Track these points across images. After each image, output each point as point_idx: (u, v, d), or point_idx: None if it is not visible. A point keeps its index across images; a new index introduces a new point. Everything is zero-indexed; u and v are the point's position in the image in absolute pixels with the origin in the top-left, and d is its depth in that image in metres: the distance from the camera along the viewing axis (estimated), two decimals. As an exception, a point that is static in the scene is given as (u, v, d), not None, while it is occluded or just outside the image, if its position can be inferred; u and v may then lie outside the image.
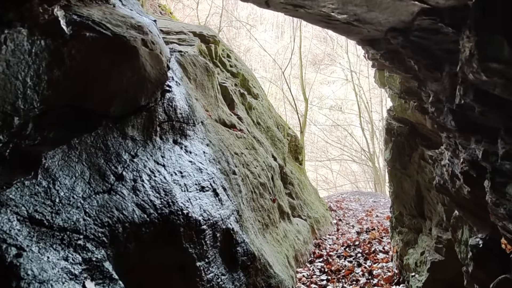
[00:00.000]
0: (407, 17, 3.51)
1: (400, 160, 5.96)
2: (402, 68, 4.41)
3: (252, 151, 6.63)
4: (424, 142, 5.43)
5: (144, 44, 4.36)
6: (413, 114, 5.50)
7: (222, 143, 5.47)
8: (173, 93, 4.65)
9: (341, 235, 8.98)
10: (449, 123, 3.49)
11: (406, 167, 5.82)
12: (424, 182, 5.28)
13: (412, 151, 5.66)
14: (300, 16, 4.96)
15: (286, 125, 10.40)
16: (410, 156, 5.69)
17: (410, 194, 5.65)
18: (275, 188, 7.05)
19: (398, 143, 6.00)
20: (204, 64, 6.55)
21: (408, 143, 5.76)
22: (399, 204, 6.05)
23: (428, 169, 5.11)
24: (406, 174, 5.84)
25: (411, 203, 5.64)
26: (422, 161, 5.34)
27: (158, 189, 3.82)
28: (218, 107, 6.56)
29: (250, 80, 9.14)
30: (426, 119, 5.15)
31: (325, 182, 29.56)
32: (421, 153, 5.41)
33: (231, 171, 5.19)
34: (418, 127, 5.61)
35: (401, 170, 5.96)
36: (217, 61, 8.38)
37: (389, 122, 6.30)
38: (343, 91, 28.65)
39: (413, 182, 5.60)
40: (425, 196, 5.31)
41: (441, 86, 3.64)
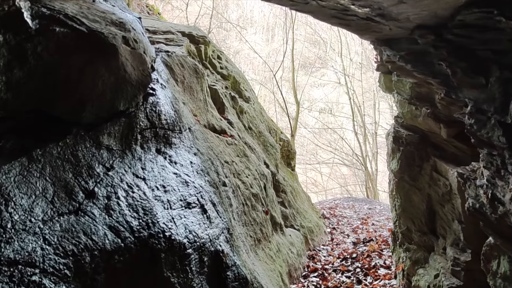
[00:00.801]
0: (446, 11, 2.95)
1: (409, 171, 5.44)
2: (428, 72, 3.88)
3: (243, 158, 6.10)
4: (436, 152, 4.92)
5: (125, 42, 3.81)
6: (425, 121, 5.00)
7: (212, 151, 4.93)
8: (157, 96, 4.10)
9: (336, 246, 8.47)
10: (496, 139, 2.94)
11: (416, 179, 5.30)
12: (437, 196, 4.77)
13: (422, 161, 5.15)
14: (309, 10, 4.40)
15: (279, 130, 9.89)
16: (421, 167, 5.18)
17: (420, 209, 5.13)
18: (267, 198, 6.52)
19: (407, 153, 5.49)
20: (193, 65, 6.01)
21: (418, 153, 5.25)
22: (406, 219, 5.52)
23: (442, 183, 4.59)
24: (415, 187, 5.32)
25: (421, 218, 5.12)
26: (434, 173, 4.83)
27: (136, 208, 3.27)
28: (208, 112, 6.02)
29: (242, 82, 8.62)
30: (440, 128, 4.66)
31: (314, 185, 29.12)
32: (434, 165, 4.90)
33: (221, 182, 4.65)
34: (430, 136, 5.10)
35: (410, 182, 5.44)
36: (207, 63, 7.84)
37: (397, 130, 5.78)
38: (335, 94, 28.25)
39: (424, 195, 5.08)
40: (438, 211, 4.79)
41: (485, 94, 3.07)
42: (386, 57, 4.85)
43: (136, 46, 3.92)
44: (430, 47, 3.41)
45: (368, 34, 4.55)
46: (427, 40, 3.40)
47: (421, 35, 3.47)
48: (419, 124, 5.23)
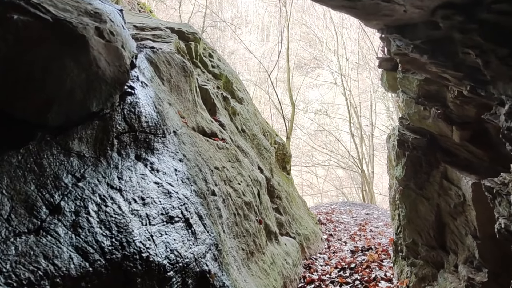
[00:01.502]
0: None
1: (415, 178, 5.01)
2: (449, 64, 3.43)
3: (235, 163, 5.68)
4: (447, 158, 4.51)
5: (99, 34, 3.38)
6: (434, 123, 4.58)
7: (200, 157, 4.50)
8: (136, 96, 3.68)
9: (333, 254, 8.06)
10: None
11: (423, 187, 4.87)
12: (447, 208, 4.35)
13: (431, 168, 4.73)
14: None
15: (273, 132, 9.47)
16: (429, 174, 4.76)
17: (428, 220, 4.71)
18: (261, 205, 6.10)
19: (413, 158, 5.06)
20: (181, 63, 5.59)
21: (426, 158, 4.83)
22: (412, 231, 5.09)
23: (454, 192, 4.17)
24: (422, 196, 4.89)
25: (428, 231, 4.69)
26: (445, 181, 4.41)
27: (109, 224, 2.84)
28: (197, 113, 5.59)
29: (234, 82, 8.19)
30: (452, 130, 4.25)
31: (309, 187, 28.70)
32: (444, 172, 4.48)
33: (209, 191, 4.22)
34: (440, 139, 4.69)
35: (417, 191, 5.01)
36: (198, 61, 7.42)
37: (402, 132, 5.36)
38: (331, 95, 27.89)
39: (433, 206, 4.66)
40: (448, 224, 4.37)
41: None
42: (395, 49, 4.41)
43: (112, 39, 3.50)
44: (456, 32, 2.95)
45: (377, 20, 4.10)
46: (452, 23, 2.93)
47: (445, 17, 2.99)
48: (428, 126, 4.82)
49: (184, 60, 5.75)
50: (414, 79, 5.02)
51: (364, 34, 22.84)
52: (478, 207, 3.65)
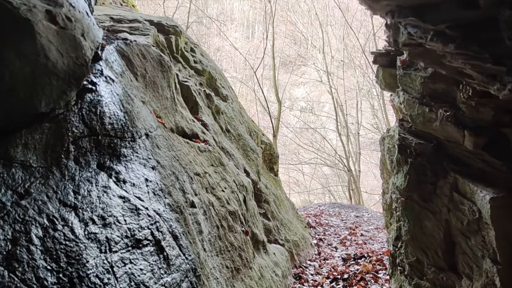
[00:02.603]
0: None
1: (419, 189, 4.43)
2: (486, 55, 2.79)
3: (219, 168, 5.08)
4: (456, 167, 3.93)
5: (51, 19, 2.76)
6: (442, 127, 4.00)
7: (178, 163, 3.90)
8: (98, 93, 3.06)
9: (323, 261, 7.51)
10: None
11: (429, 199, 4.29)
12: (459, 225, 3.76)
13: (437, 178, 4.14)
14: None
15: (260, 131, 8.89)
16: (435, 185, 4.17)
17: (435, 238, 4.13)
18: (248, 212, 5.51)
19: (417, 166, 4.47)
20: (157, 56, 4.97)
21: (431, 166, 4.25)
22: (416, 248, 4.51)
23: (468, 208, 3.59)
24: (428, 209, 4.30)
25: (436, 249, 4.12)
26: (456, 194, 3.82)
27: (57, 254, 2.23)
28: (176, 112, 4.98)
29: (218, 79, 7.58)
30: (464, 136, 3.68)
31: (296, 184, 28.21)
32: (454, 183, 3.89)
33: (188, 203, 3.62)
34: (448, 145, 4.11)
35: (421, 203, 4.43)
36: (179, 56, 6.79)
37: (403, 136, 4.78)
38: (316, 93, 27.43)
39: (440, 221, 4.07)
40: (459, 244, 3.79)
41: None
42: (405, 38, 3.78)
43: (68, 26, 2.87)
44: (505, 9, 2.37)
45: (388, 0, 3.47)
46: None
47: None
48: (434, 131, 4.24)
49: (161, 54, 5.13)
50: (417, 76, 4.46)
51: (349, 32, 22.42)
52: (498, 226, 3.10)
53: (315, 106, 30.10)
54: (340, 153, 22.43)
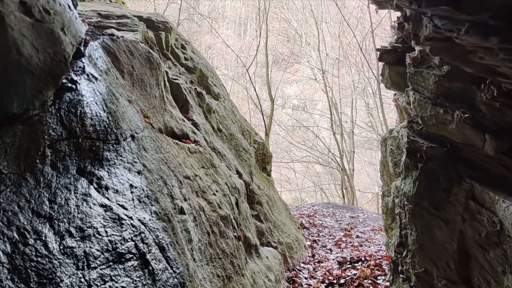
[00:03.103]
0: None
1: (430, 196, 4.17)
2: None
3: (210, 170, 4.85)
4: (473, 173, 3.68)
5: (26, 11, 2.51)
6: (459, 130, 3.74)
7: (166, 166, 3.67)
8: (79, 92, 2.82)
9: (318, 264, 7.32)
10: None
11: (441, 207, 4.04)
12: (475, 236, 3.50)
13: (451, 184, 3.89)
14: None
15: (253, 131, 8.66)
16: (448, 192, 3.92)
17: (447, 249, 3.88)
18: (240, 215, 5.30)
19: (428, 172, 4.22)
20: (146, 53, 4.73)
21: (444, 172, 3.99)
22: (424, 259, 4.27)
23: (487, 218, 3.33)
24: (440, 218, 4.05)
25: (447, 261, 3.87)
26: (472, 203, 3.56)
27: (26, 273, 2.00)
28: (165, 111, 4.75)
29: (210, 76, 7.35)
30: (484, 140, 3.43)
31: (287, 182, 28.04)
32: (470, 190, 3.64)
33: (177, 210, 3.39)
34: (464, 149, 3.85)
35: (432, 211, 4.17)
36: (169, 53, 6.55)
37: (413, 139, 4.53)
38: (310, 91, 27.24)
39: (454, 232, 3.82)
40: (475, 256, 3.54)
41: None
42: (430, 30, 3.47)
43: (46, 19, 2.63)
44: None
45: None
46: None
47: None
48: (449, 133, 3.97)
49: (150, 50, 4.88)
50: (431, 74, 4.22)
51: (344, 29, 22.22)
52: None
53: (308, 104, 29.93)
54: (334, 152, 22.27)
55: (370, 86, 23.50)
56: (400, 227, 5.43)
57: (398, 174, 6.55)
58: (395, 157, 6.61)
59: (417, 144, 4.59)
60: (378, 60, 5.85)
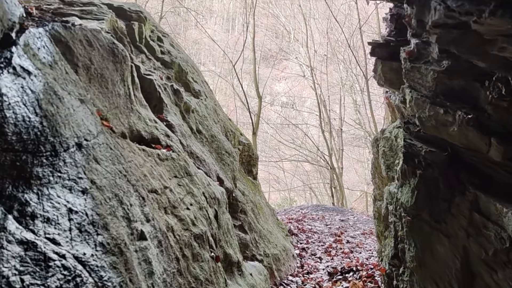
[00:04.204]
0: None
1: (430, 207, 3.62)
2: None
3: (184, 179, 4.20)
4: (476, 181, 3.17)
5: None
6: (461, 133, 3.20)
7: (125, 179, 3.00)
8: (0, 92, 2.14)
9: (307, 275, 6.70)
10: None
11: (442, 219, 3.48)
12: (481, 253, 2.97)
13: (453, 194, 3.35)
14: None
15: (238, 131, 8.00)
16: (450, 202, 3.38)
17: (450, 267, 3.32)
18: (220, 229, 4.65)
19: (427, 179, 3.67)
20: (109, 44, 4.05)
21: (445, 179, 3.46)
22: (424, 277, 3.68)
23: (494, 234, 2.81)
24: (441, 232, 3.49)
25: (450, 281, 3.30)
26: (477, 215, 3.04)
27: None
28: (132, 112, 4.08)
29: (190, 72, 6.68)
30: (490, 144, 2.90)
31: (276, 181, 27.43)
32: (474, 201, 3.11)
33: (135, 235, 2.74)
34: (466, 154, 3.33)
35: (432, 224, 3.61)
36: (142, 45, 5.87)
37: (410, 143, 3.97)
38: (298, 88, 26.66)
39: (457, 247, 3.27)
40: (481, 276, 2.98)
41: None
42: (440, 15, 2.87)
43: None
44: None
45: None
46: None
47: None
48: (450, 136, 3.43)
49: (115, 41, 4.20)
50: (429, 70, 3.65)
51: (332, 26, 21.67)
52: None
53: (296, 101, 29.34)
54: (322, 150, 21.70)
55: (357, 83, 23.03)
56: (395, 238, 4.87)
57: (391, 178, 5.99)
58: (387, 159, 6.05)
59: (415, 148, 4.04)
60: (370, 54, 5.28)
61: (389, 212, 5.47)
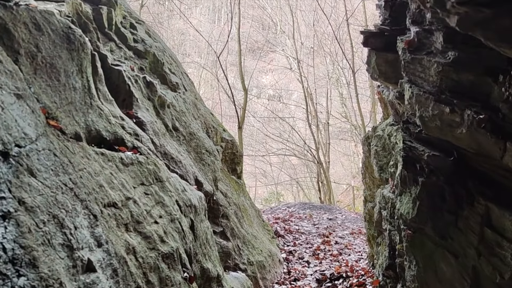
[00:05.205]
0: None
1: (434, 220, 3.12)
2: None
3: (154, 186, 3.60)
4: (488, 191, 2.65)
5: None
6: (470, 135, 2.69)
7: (71, 194, 2.40)
8: None
9: (294, 283, 6.17)
10: None
11: (448, 235, 2.98)
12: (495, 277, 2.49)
13: (461, 206, 2.85)
14: None
15: (221, 127, 7.40)
16: (456, 214, 2.87)
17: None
18: (196, 241, 4.07)
19: (431, 188, 3.16)
20: (64, 29, 3.42)
21: (451, 189, 2.94)
22: None
23: (511, 253, 2.31)
24: (447, 249, 2.99)
25: None
26: (489, 231, 2.57)
27: None
28: (91, 108, 3.46)
29: (167, 62, 6.05)
30: (505, 149, 2.38)
31: (263, 175, 26.89)
32: (486, 214, 2.62)
33: (78, 268, 2.14)
34: (475, 159, 2.83)
35: (436, 240, 3.11)
36: (112, 32, 5.24)
37: (410, 145, 3.44)
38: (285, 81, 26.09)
39: (465, 268, 2.78)
40: None
41: None
42: None
43: None
44: None
45: None
46: None
47: None
48: (457, 139, 2.91)
49: (71, 26, 3.56)
50: (433, 62, 3.12)
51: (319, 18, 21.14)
52: None
53: (283, 94, 28.79)
54: (309, 144, 21.20)
55: (344, 76, 22.58)
56: (391, 248, 4.37)
57: (384, 180, 5.50)
58: (380, 159, 5.54)
59: (416, 151, 3.52)
60: (363, 45, 4.75)
61: (383, 218, 4.97)
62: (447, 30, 3.12)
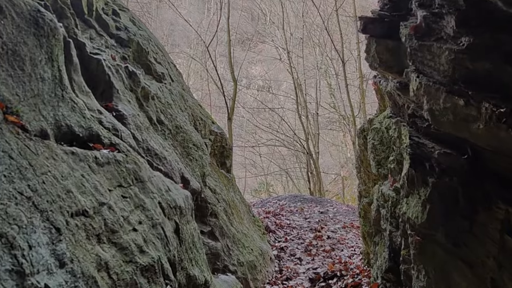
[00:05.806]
0: None
1: (446, 225, 2.77)
2: None
3: (133, 188, 3.18)
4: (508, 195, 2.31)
5: None
6: (489, 131, 2.35)
7: (28, 204, 1.99)
8: None
9: (286, 282, 5.82)
10: None
11: (462, 242, 2.64)
12: None
13: (475, 209, 2.50)
14: None
15: (209, 119, 6.96)
16: (472, 220, 2.52)
17: None
18: (182, 245, 3.67)
19: (443, 190, 2.80)
20: (31, 12, 2.96)
21: (466, 191, 2.59)
22: None
23: None
24: (460, 258, 2.65)
25: None
26: (510, 238, 2.21)
27: None
28: (63, 101, 3.02)
29: (152, 51, 5.60)
30: None
31: (253, 166, 26.54)
32: (506, 219, 2.31)
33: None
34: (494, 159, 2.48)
35: (448, 247, 2.76)
36: (92, 19, 4.78)
37: (417, 141, 3.09)
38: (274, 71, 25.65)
39: (482, 280, 2.45)
40: None
41: None
42: None
43: None
44: None
45: None
46: None
47: None
48: (473, 136, 2.55)
49: (40, 9, 3.09)
50: (443, 49, 2.75)
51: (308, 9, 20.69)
52: None
53: (273, 85, 28.38)
54: (299, 134, 20.86)
55: (332, 67, 22.23)
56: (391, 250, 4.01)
57: (383, 176, 5.14)
58: (378, 154, 5.17)
59: (425, 149, 3.14)
60: (362, 32, 4.34)
61: (382, 217, 4.61)
62: (460, 13, 2.73)
